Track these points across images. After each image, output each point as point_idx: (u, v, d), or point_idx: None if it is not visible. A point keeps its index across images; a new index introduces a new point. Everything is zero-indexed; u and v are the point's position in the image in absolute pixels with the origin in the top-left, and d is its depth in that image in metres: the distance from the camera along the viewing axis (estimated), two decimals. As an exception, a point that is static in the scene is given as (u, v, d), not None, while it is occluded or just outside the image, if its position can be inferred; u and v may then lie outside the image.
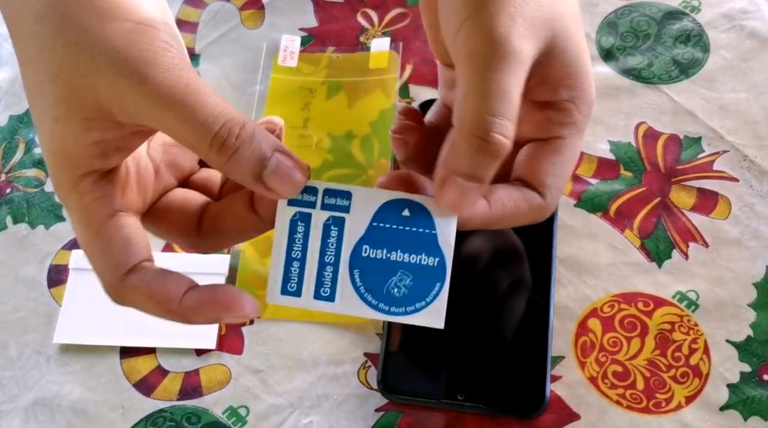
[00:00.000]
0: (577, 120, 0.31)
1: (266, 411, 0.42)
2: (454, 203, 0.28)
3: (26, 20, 0.27)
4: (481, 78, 0.27)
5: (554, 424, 0.40)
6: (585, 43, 0.31)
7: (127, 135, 0.28)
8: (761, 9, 0.51)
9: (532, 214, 0.31)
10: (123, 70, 0.26)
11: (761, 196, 0.45)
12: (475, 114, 0.27)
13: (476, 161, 0.27)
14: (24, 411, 0.43)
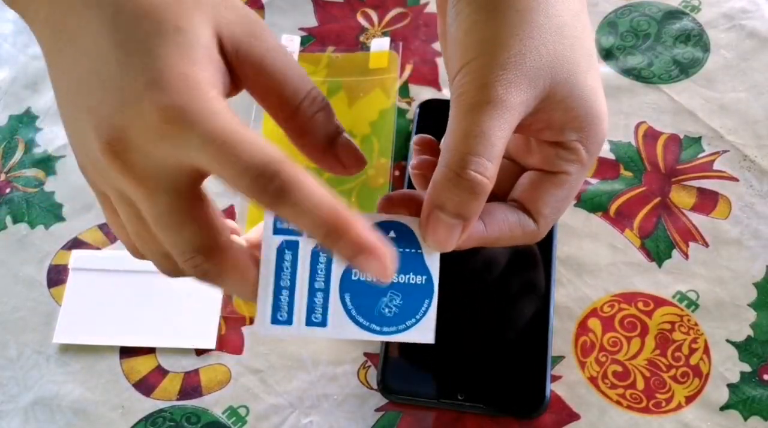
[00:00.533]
0: (585, 158, 0.32)
1: (266, 411, 0.42)
2: (438, 240, 0.29)
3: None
4: (465, 119, 0.29)
5: (554, 424, 0.40)
6: (596, 84, 0.32)
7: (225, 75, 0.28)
8: (761, 8, 0.51)
9: (524, 238, 0.33)
10: (245, 19, 0.29)
11: (761, 196, 0.45)
12: (455, 151, 0.29)
13: (455, 196, 0.29)
14: (24, 411, 0.43)
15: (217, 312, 0.44)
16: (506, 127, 0.29)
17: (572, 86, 0.31)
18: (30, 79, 0.54)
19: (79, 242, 0.48)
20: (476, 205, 0.29)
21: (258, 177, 0.25)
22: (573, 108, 0.31)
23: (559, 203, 0.33)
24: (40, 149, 0.51)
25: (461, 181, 0.28)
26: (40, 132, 0.52)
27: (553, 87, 0.30)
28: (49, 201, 0.49)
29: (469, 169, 0.28)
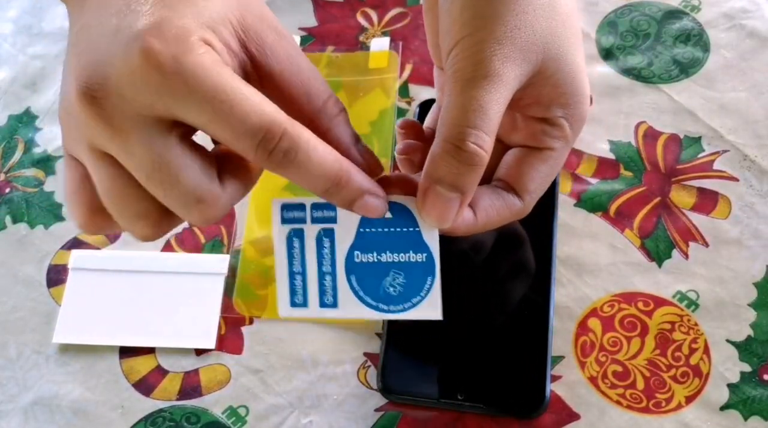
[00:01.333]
0: (569, 135, 0.33)
1: (266, 411, 0.42)
2: (437, 215, 0.30)
3: None
4: (462, 94, 0.29)
5: (554, 424, 0.40)
6: (582, 62, 0.33)
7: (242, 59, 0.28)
8: (761, 8, 0.51)
9: (511, 218, 0.34)
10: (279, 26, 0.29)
11: (761, 196, 0.45)
12: (453, 125, 0.29)
13: (454, 169, 0.29)
14: (23, 411, 0.43)
15: (217, 312, 0.44)
16: (502, 101, 0.30)
17: (562, 62, 0.31)
18: (29, 78, 0.54)
19: (79, 242, 0.48)
20: (474, 176, 0.30)
21: (263, 140, 0.25)
22: (561, 84, 0.32)
23: (544, 178, 0.34)
24: (40, 149, 0.51)
25: (460, 153, 0.29)
26: (40, 132, 0.52)
27: (545, 62, 0.31)
28: (48, 201, 0.49)
29: (468, 141, 0.29)
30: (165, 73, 0.24)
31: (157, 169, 0.26)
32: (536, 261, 0.43)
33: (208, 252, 0.46)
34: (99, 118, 0.25)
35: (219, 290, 0.45)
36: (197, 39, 0.25)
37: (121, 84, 0.25)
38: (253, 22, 0.28)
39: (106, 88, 0.25)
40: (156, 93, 0.25)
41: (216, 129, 0.25)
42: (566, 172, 0.47)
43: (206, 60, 0.25)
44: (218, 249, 0.46)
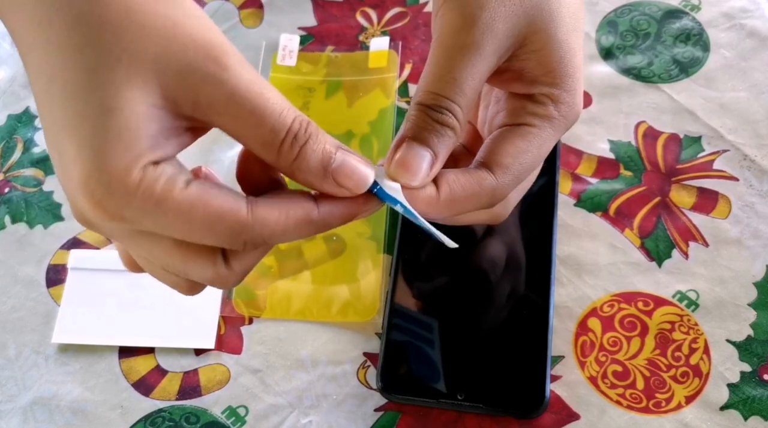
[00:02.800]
0: (552, 115, 0.31)
1: (265, 411, 0.42)
2: (405, 165, 0.29)
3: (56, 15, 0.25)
4: (438, 63, 0.29)
5: (554, 424, 0.40)
6: (576, 46, 0.31)
7: (182, 131, 0.26)
8: (761, 8, 0.51)
9: (483, 196, 0.30)
10: (201, 57, 0.25)
11: (761, 196, 0.45)
12: (427, 91, 0.29)
13: (427, 126, 0.29)
14: (23, 411, 0.43)
15: (217, 312, 0.44)
16: (478, 76, 0.29)
17: (549, 38, 0.30)
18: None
19: (78, 242, 0.48)
20: (446, 140, 0.29)
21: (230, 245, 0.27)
22: (547, 62, 0.30)
23: (522, 155, 0.30)
24: (39, 148, 0.51)
25: (432, 113, 0.29)
26: (39, 131, 0.52)
27: (529, 35, 0.30)
28: (47, 200, 0.49)
29: (441, 106, 0.29)
30: (120, 220, 0.25)
31: (167, 266, 0.28)
32: (536, 261, 0.43)
33: (208, 252, 0.46)
34: (103, 232, 0.27)
35: (218, 290, 0.45)
36: (134, 175, 0.24)
37: (97, 222, 0.26)
38: (177, 86, 0.25)
39: (87, 220, 0.26)
40: (123, 228, 0.26)
41: (189, 240, 0.27)
42: (566, 172, 0.47)
43: (150, 199, 0.25)
44: (218, 249, 0.46)
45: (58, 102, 0.25)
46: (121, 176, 0.24)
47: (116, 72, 0.24)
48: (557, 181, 0.45)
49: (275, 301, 0.44)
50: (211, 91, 0.25)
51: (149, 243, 0.27)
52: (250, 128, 0.26)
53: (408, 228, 0.45)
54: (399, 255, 0.44)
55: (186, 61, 0.25)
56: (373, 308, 0.44)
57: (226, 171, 0.49)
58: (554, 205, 0.45)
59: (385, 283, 0.44)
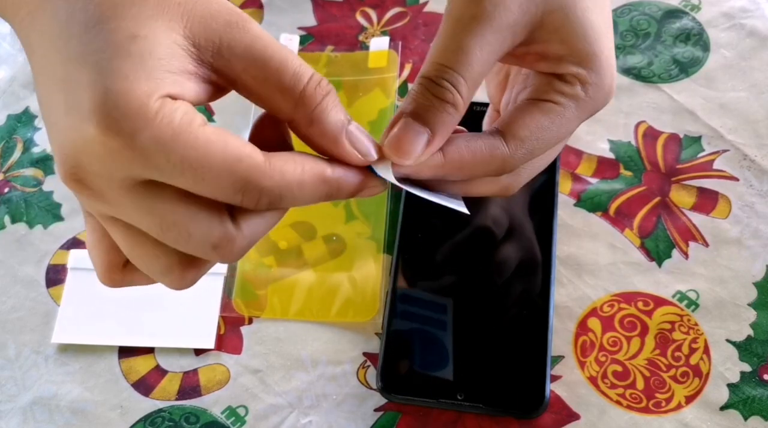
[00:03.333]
0: (579, 96, 0.30)
1: (265, 411, 0.42)
2: (399, 144, 0.28)
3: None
4: (447, 33, 0.28)
5: (554, 424, 0.40)
6: (604, 25, 0.30)
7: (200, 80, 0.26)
8: (761, 8, 0.51)
9: (492, 164, 0.29)
10: (225, 9, 0.25)
11: (761, 196, 0.45)
12: (431, 62, 0.28)
13: (426, 101, 0.28)
14: (22, 411, 0.43)
15: (216, 312, 0.44)
16: (488, 49, 0.28)
17: (566, 17, 0.29)
18: (28, 78, 0.54)
19: (78, 241, 0.48)
20: (446, 117, 0.28)
21: (244, 198, 0.25)
22: (570, 40, 0.29)
23: (540, 131, 0.29)
24: (39, 148, 0.51)
25: (434, 87, 0.28)
26: (39, 131, 0.52)
27: (546, 15, 0.29)
28: (47, 200, 0.49)
29: (443, 79, 0.28)
30: (132, 149, 0.23)
31: (166, 228, 0.25)
32: (536, 260, 0.43)
33: (208, 251, 0.46)
34: (94, 197, 0.25)
35: (218, 290, 0.45)
36: (153, 101, 0.23)
37: (93, 165, 0.24)
38: (200, 29, 0.25)
39: (84, 170, 0.24)
40: (129, 169, 0.24)
41: (197, 190, 0.25)
42: (566, 172, 0.47)
43: (168, 127, 0.23)
44: (217, 249, 0.46)
45: (76, 36, 0.24)
46: (141, 99, 0.23)
47: (143, 7, 0.24)
48: (557, 180, 0.45)
49: (275, 301, 0.44)
50: (234, 36, 0.25)
51: (151, 197, 0.25)
52: (272, 73, 0.26)
53: (408, 228, 0.45)
54: (399, 255, 0.44)
55: (209, 9, 0.25)
56: (373, 308, 0.44)
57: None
58: (554, 204, 0.45)
59: (385, 283, 0.44)
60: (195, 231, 0.25)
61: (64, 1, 0.25)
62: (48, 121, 0.25)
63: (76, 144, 0.24)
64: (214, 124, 0.50)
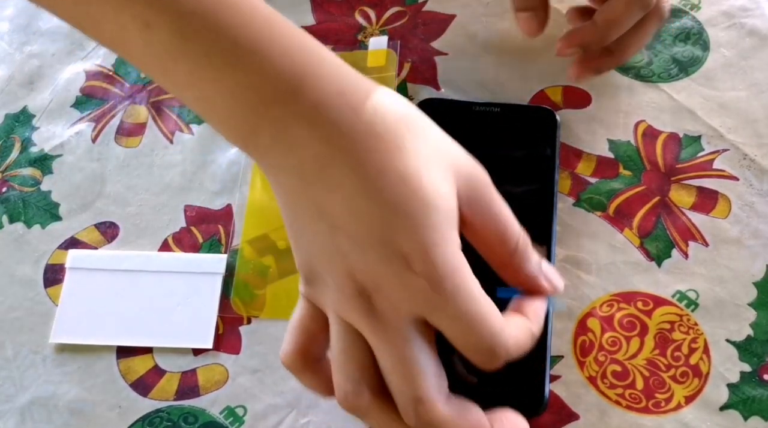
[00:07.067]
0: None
1: (264, 411, 0.42)
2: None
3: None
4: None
5: (553, 424, 0.40)
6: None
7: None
8: (761, 7, 0.51)
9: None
10: (472, 166, 0.31)
11: (761, 195, 0.45)
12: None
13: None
14: (20, 411, 0.43)
15: (215, 312, 0.44)
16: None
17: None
18: (26, 77, 0.54)
19: (76, 241, 0.47)
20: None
21: (485, 358, 0.30)
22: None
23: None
24: (37, 148, 0.51)
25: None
26: (37, 130, 0.52)
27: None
28: (45, 200, 0.49)
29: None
30: (438, 293, 0.28)
31: (402, 361, 0.29)
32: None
33: (206, 251, 0.46)
34: (369, 316, 0.29)
35: (217, 290, 0.45)
36: (459, 255, 0.29)
37: (394, 296, 0.28)
38: (464, 188, 0.30)
39: (380, 294, 0.28)
40: (423, 306, 0.28)
41: (454, 341, 0.29)
42: (565, 171, 0.47)
43: (469, 285, 0.29)
44: (216, 249, 0.46)
45: (388, 188, 0.28)
46: (454, 251, 0.29)
47: (438, 167, 0.29)
48: (556, 180, 0.45)
49: (274, 301, 0.44)
50: (481, 192, 0.31)
51: (417, 333, 0.29)
52: (500, 235, 0.31)
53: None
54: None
55: (467, 166, 0.31)
56: (372, 308, 0.43)
57: (224, 171, 0.49)
58: (553, 204, 0.44)
59: (383, 283, 0.44)
60: (421, 379, 0.29)
61: (371, 167, 0.28)
62: (344, 241, 0.29)
63: (390, 274, 0.28)
64: (213, 124, 0.50)
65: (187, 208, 0.48)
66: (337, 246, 0.29)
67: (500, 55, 0.51)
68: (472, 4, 0.53)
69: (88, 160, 0.50)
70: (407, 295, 0.28)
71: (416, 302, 0.28)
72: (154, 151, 0.50)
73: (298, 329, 0.32)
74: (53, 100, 0.53)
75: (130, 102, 0.52)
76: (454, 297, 0.28)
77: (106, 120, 0.51)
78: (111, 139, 0.51)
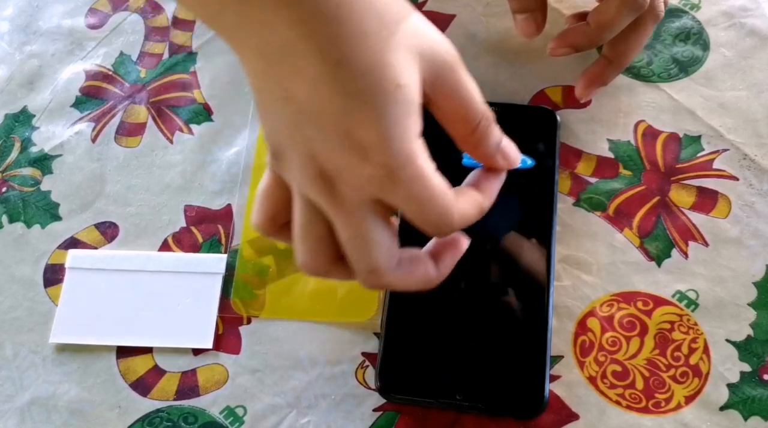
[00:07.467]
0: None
1: (264, 411, 0.42)
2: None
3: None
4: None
5: (553, 424, 0.40)
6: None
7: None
8: (761, 6, 0.51)
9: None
10: (442, 51, 0.31)
11: (761, 195, 0.45)
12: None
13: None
14: (20, 411, 0.43)
15: (215, 312, 0.44)
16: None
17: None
18: (26, 77, 0.54)
19: (76, 241, 0.47)
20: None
21: (436, 231, 0.32)
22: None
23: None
24: (36, 148, 0.51)
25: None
26: (37, 130, 0.52)
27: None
28: (45, 200, 0.49)
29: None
30: (393, 181, 0.29)
31: (358, 236, 0.31)
32: (535, 260, 0.43)
33: (206, 251, 0.46)
34: (329, 196, 0.30)
35: (216, 290, 0.45)
36: (417, 145, 0.29)
37: (353, 180, 0.29)
38: (427, 67, 0.30)
39: (341, 179, 0.30)
40: (379, 192, 0.30)
41: (414, 219, 0.31)
42: (565, 171, 0.46)
43: (423, 170, 0.29)
44: (216, 249, 0.46)
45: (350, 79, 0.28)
46: (411, 143, 0.29)
47: (398, 54, 0.29)
48: (556, 180, 0.45)
49: (273, 301, 0.44)
50: (447, 75, 0.31)
51: (373, 211, 0.31)
52: (463, 109, 0.32)
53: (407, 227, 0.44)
54: (398, 254, 0.44)
55: (435, 48, 0.30)
56: (372, 308, 0.43)
57: (224, 171, 0.48)
58: (553, 204, 0.44)
59: (383, 283, 0.44)
60: (374, 252, 0.31)
61: (330, 57, 0.28)
62: (306, 128, 0.29)
63: (348, 160, 0.29)
64: (213, 124, 0.50)
65: (187, 208, 0.48)
66: (302, 131, 0.29)
67: (500, 55, 0.51)
68: (472, 4, 0.53)
69: (87, 160, 0.50)
70: (365, 181, 0.29)
71: (373, 187, 0.29)
72: (154, 151, 0.50)
73: (265, 198, 0.33)
74: (53, 100, 0.53)
75: (130, 102, 0.52)
76: (407, 184, 0.29)
77: (106, 120, 0.51)
78: (111, 139, 0.51)
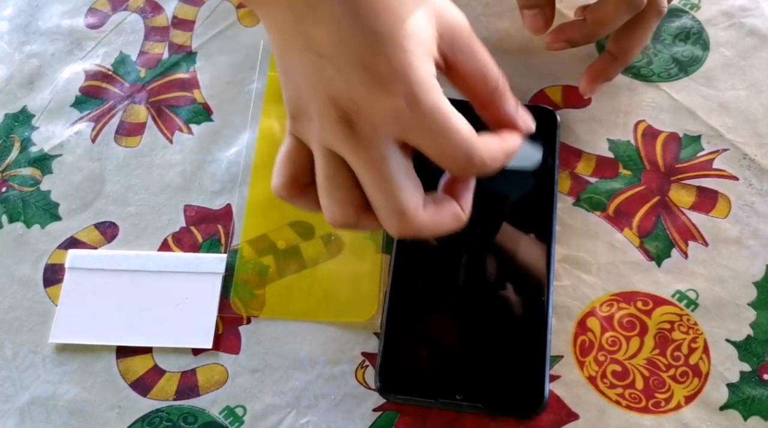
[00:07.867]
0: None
1: (263, 411, 0.42)
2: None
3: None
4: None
5: (553, 424, 0.40)
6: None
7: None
8: (761, 6, 0.51)
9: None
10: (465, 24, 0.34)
11: (761, 195, 0.45)
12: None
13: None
14: (20, 411, 0.43)
15: (214, 312, 0.44)
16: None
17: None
18: (26, 77, 0.54)
19: (76, 241, 0.47)
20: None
21: (462, 166, 0.32)
22: None
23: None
24: (36, 148, 0.51)
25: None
26: (36, 130, 0.52)
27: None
28: (45, 200, 0.49)
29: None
30: (412, 111, 0.30)
31: (382, 179, 0.31)
32: (535, 260, 0.43)
33: (206, 251, 0.46)
34: (350, 139, 0.31)
35: (216, 290, 0.45)
36: (429, 77, 0.31)
37: (373, 117, 0.30)
38: (445, 31, 0.33)
39: (361, 117, 0.30)
40: (399, 128, 0.30)
41: (432, 156, 0.31)
42: (565, 171, 0.46)
43: (442, 102, 0.31)
44: (216, 249, 0.46)
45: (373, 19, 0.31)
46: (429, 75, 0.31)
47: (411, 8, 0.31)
48: (556, 180, 0.45)
49: (273, 301, 0.44)
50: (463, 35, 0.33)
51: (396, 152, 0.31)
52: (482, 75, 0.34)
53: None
54: (397, 254, 0.44)
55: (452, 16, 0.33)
56: (372, 308, 0.43)
57: (224, 170, 0.48)
58: (553, 204, 0.44)
59: (383, 283, 0.44)
60: (399, 194, 0.31)
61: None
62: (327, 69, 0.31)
63: (369, 97, 0.30)
64: (213, 124, 0.50)
65: (186, 208, 0.48)
66: (322, 74, 0.31)
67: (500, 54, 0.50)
68: (471, 3, 0.53)
69: (87, 160, 0.50)
70: (386, 115, 0.30)
71: (394, 122, 0.30)
72: (153, 150, 0.50)
73: (286, 162, 0.34)
74: (53, 99, 0.53)
75: (130, 102, 0.52)
76: (429, 114, 0.30)
77: (106, 120, 0.51)
78: (111, 138, 0.51)
